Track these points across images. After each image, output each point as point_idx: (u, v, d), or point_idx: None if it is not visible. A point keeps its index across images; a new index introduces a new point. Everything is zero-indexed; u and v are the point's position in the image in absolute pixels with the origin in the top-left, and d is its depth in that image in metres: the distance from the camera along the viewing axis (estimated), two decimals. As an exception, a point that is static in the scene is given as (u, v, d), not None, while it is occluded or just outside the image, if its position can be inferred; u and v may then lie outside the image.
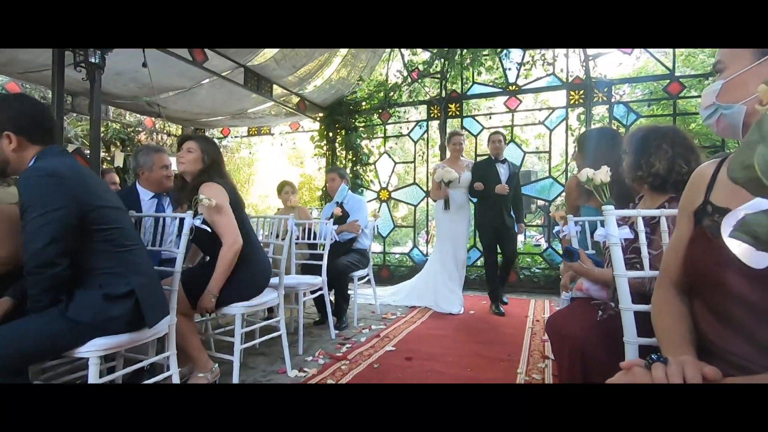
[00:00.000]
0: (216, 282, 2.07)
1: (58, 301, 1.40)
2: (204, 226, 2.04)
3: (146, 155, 2.55)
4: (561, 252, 5.09)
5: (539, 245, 5.75)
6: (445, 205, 4.17)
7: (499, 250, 4.25)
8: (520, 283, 5.35)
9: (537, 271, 5.40)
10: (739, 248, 0.28)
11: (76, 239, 1.42)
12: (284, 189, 4.09)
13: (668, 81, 5.07)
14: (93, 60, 3.09)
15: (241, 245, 2.12)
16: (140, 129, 6.76)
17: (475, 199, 4.35)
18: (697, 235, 0.91)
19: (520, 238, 5.63)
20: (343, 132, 6.41)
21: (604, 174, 1.46)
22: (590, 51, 5.24)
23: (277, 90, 5.48)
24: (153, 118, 6.46)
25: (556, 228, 2.49)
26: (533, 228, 8.46)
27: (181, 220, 1.97)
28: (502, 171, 4.10)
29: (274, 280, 2.68)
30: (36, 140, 1.47)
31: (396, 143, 8.13)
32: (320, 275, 3.20)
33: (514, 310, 4.19)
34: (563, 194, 5.61)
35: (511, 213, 4.17)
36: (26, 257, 1.33)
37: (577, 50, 5.27)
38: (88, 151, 3.99)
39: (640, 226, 1.22)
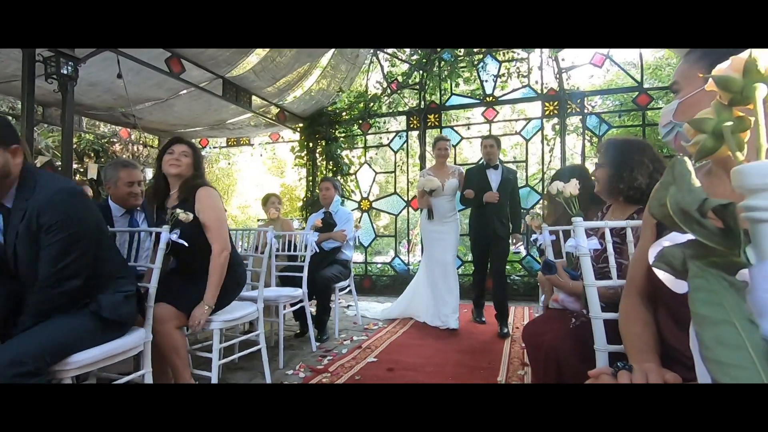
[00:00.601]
0: (211, 293, 2.06)
1: (83, 305, 1.53)
2: (180, 241, 2.01)
3: (113, 170, 2.45)
4: (539, 260, 5.20)
5: (518, 252, 5.82)
6: (428, 214, 3.91)
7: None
8: (501, 290, 5.41)
9: (516, 278, 5.49)
10: (663, 275, 0.31)
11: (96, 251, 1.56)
12: (269, 200, 4.07)
13: (637, 93, 5.27)
14: (65, 71, 3.03)
15: (229, 252, 2.13)
16: (115, 140, 6.62)
17: (462, 207, 4.14)
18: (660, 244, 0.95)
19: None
20: (323, 142, 6.41)
21: (573, 187, 1.51)
22: (563, 63, 5.41)
23: (256, 101, 5.46)
24: (128, 129, 6.35)
25: (534, 236, 2.54)
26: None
27: (158, 234, 1.94)
28: (493, 177, 3.80)
29: (253, 294, 2.66)
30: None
31: (376, 153, 8.18)
32: (300, 287, 3.18)
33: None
34: (541, 202, 5.75)
35: (505, 221, 3.82)
36: (52, 271, 1.41)
37: (551, 63, 5.44)
38: (60, 163, 3.90)
39: (608, 237, 1.26)
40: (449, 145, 4.09)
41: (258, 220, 5.93)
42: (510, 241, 3.88)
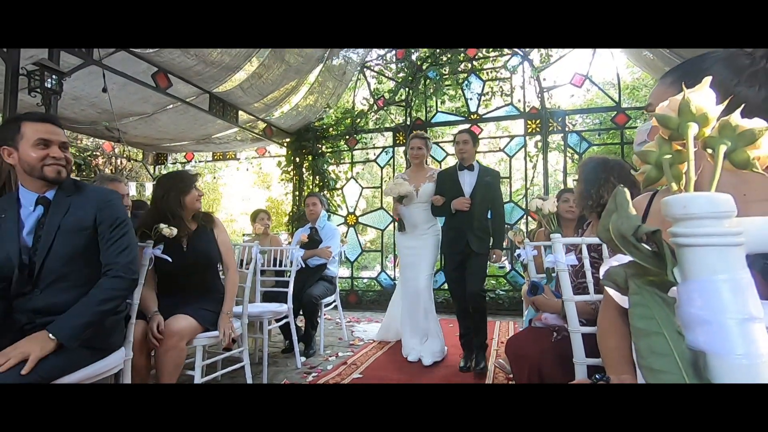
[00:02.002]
0: (230, 304, 2.24)
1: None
2: (164, 256, 2.01)
3: (99, 185, 2.47)
4: (523, 275, 5.27)
5: (503, 267, 5.89)
6: (399, 226, 3.37)
7: None
8: (486, 305, 5.44)
9: (501, 293, 5.54)
10: (612, 291, 0.33)
11: None
12: (259, 216, 4.06)
13: (615, 112, 5.46)
14: (49, 85, 3.01)
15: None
16: (98, 153, 6.54)
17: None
18: None
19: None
20: (310, 157, 6.45)
21: (551, 204, 1.56)
22: (545, 83, 5.58)
23: (243, 116, 5.48)
24: (112, 143, 6.29)
25: (517, 251, 2.59)
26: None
27: (141, 249, 1.93)
28: (467, 180, 3.13)
29: (237, 309, 2.63)
30: None
31: (363, 168, 8.24)
32: (286, 302, 3.16)
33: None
34: (524, 218, 5.85)
35: (483, 235, 3.12)
36: (126, 261, 1.54)
37: (533, 82, 5.61)
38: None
39: (584, 253, 1.31)
40: (426, 143, 3.38)
41: (243, 235, 5.88)
42: (489, 257, 3.14)
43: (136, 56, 3.87)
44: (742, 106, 0.35)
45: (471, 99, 5.87)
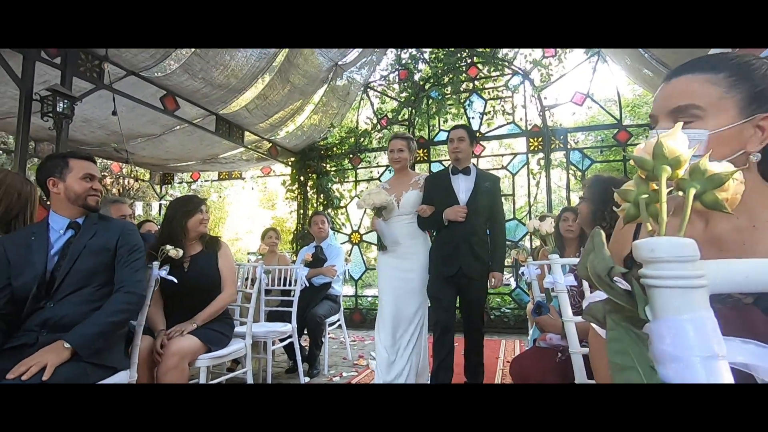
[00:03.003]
0: (204, 316, 2.22)
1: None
2: (169, 277, 2.03)
3: (103, 208, 2.56)
4: (528, 292, 5.24)
5: (508, 284, 5.85)
6: (378, 244, 2.79)
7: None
8: (490, 323, 5.41)
9: (506, 311, 5.50)
10: (593, 325, 0.35)
11: None
12: (267, 234, 4.09)
13: (617, 130, 5.50)
14: (60, 110, 3.09)
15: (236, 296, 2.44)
16: (106, 174, 6.65)
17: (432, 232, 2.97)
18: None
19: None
20: (314, 176, 6.52)
21: (548, 225, 1.58)
22: (546, 102, 5.65)
23: (248, 136, 5.58)
24: (120, 164, 6.40)
25: (521, 268, 2.59)
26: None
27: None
28: (462, 185, 2.63)
29: (241, 329, 2.64)
30: None
31: (367, 187, 8.30)
32: (290, 322, 3.17)
33: (486, 351, 4.20)
34: (528, 235, 5.84)
35: (482, 254, 2.60)
36: (137, 279, 1.71)
37: (534, 100, 5.68)
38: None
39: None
40: (409, 144, 2.82)
41: (248, 253, 5.90)
42: (488, 282, 2.60)
43: (145, 80, 3.97)
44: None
45: (473, 118, 5.94)
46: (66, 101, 3.17)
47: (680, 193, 0.36)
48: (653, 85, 5.23)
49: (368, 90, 6.43)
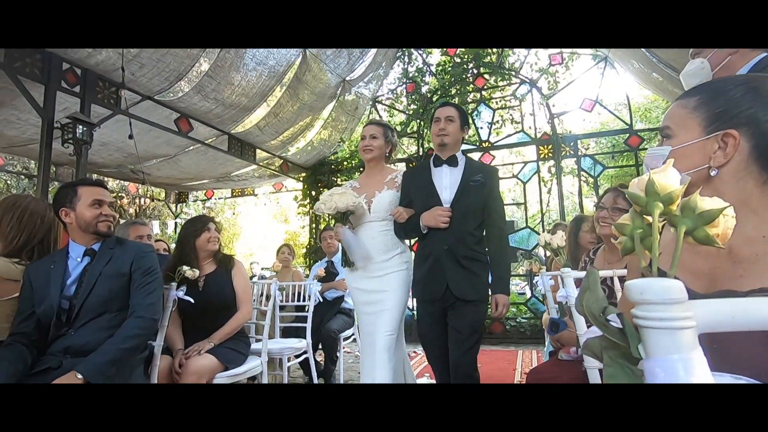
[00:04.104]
0: (221, 335, 2.24)
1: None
2: (186, 297, 2.07)
3: (123, 229, 2.64)
4: (542, 300, 5.18)
5: (524, 294, 5.79)
6: (343, 259, 2.24)
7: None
8: (507, 334, 5.35)
9: (523, 320, 5.43)
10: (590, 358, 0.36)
11: None
12: (281, 250, 4.14)
13: (628, 135, 5.46)
14: (80, 136, 3.20)
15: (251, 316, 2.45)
16: (123, 195, 6.82)
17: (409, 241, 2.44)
18: None
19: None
20: (325, 191, 6.57)
21: (559, 238, 1.58)
22: (554, 109, 5.65)
23: (260, 153, 5.68)
24: (137, 184, 6.55)
25: (536, 278, 2.55)
26: (517, 277, 8.56)
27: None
28: (446, 180, 2.02)
29: (257, 346, 2.67)
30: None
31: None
32: (305, 338, 3.18)
33: (502, 363, 4.17)
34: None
35: (477, 270, 1.96)
36: (150, 302, 1.71)
37: (543, 108, 5.68)
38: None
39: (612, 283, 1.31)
40: (386, 132, 2.25)
41: (262, 269, 5.96)
42: (487, 305, 2.00)
43: (160, 103, 4.10)
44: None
45: (482, 128, 5.96)
46: (85, 127, 3.28)
47: (672, 230, 0.37)
48: (663, 89, 5.19)
49: (376, 104, 6.50)
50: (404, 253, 2.17)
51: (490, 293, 1.96)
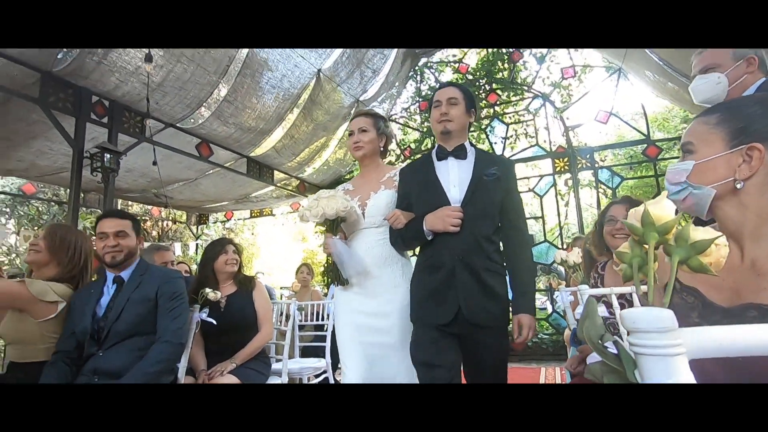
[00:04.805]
0: (243, 356, 2.28)
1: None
2: (209, 319, 2.13)
3: (148, 254, 2.73)
4: (563, 315, 5.08)
5: (544, 309, 5.68)
6: (333, 275, 1.82)
7: None
8: (528, 350, 5.24)
9: (544, 336, 5.32)
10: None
11: None
12: (300, 270, 4.20)
13: (645, 145, 5.39)
14: (107, 164, 3.35)
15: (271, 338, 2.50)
16: (146, 218, 7.03)
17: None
18: None
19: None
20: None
21: (576, 255, 1.57)
22: (569, 122, 5.63)
23: (278, 174, 5.81)
24: (160, 208, 6.76)
25: (556, 293, 2.52)
26: (537, 291, 8.40)
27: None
28: (453, 175, 1.65)
29: (276, 366, 2.69)
30: None
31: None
32: (324, 357, 3.19)
33: (525, 381, 4.08)
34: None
35: (497, 285, 1.56)
36: (176, 327, 1.79)
37: (556, 121, 5.68)
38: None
39: (615, 303, 1.31)
40: (378, 124, 1.90)
41: (281, 288, 6.02)
42: (508, 331, 1.59)
43: (182, 130, 4.26)
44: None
45: (495, 143, 5.97)
46: (112, 156, 3.43)
47: (666, 259, 0.39)
48: (680, 98, 5.13)
49: (390, 122, 6.60)
50: (407, 266, 1.79)
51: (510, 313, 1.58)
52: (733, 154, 0.72)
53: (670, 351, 0.31)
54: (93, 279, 2.03)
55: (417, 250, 1.74)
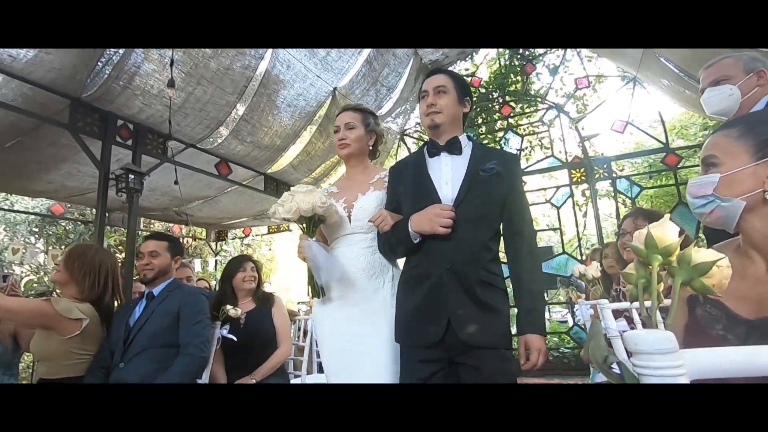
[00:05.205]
0: (263, 372, 2.34)
1: None
2: (230, 336, 2.17)
3: None
4: (584, 327, 4.95)
5: (565, 322, 5.56)
6: (313, 289, 1.58)
7: None
8: (550, 365, 5.13)
9: (566, 350, 5.20)
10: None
11: None
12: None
13: (664, 154, 5.30)
14: (131, 185, 3.48)
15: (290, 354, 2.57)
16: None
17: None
18: (690, 324, 0.93)
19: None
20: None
21: (594, 270, 1.56)
22: (585, 132, 5.59)
23: (294, 191, 5.90)
24: (180, 226, 6.92)
25: (576, 307, 2.49)
26: (557, 304, 8.24)
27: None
28: (445, 170, 1.46)
29: (294, 382, 2.71)
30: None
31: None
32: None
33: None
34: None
35: (492, 298, 1.32)
36: (200, 341, 1.88)
37: (572, 132, 5.64)
38: (121, 257, 4.30)
39: (636, 318, 1.29)
40: (366, 119, 1.74)
41: (298, 303, 6.07)
42: (514, 356, 1.38)
43: (202, 150, 4.39)
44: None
45: (510, 155, 5.96)
46: (136, 177, 3.56)
47: (669, 281, 0.40)
48: (697, 106, 5.03)
49: (404, 137, 6.66)
50: (395, 279, 1.54)
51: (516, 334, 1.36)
52: (760, 165, 0.73)
53: (671, 372, 0.32)
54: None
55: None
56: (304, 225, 1.52)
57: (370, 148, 1.76)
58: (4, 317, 1.81)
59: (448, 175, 1.42)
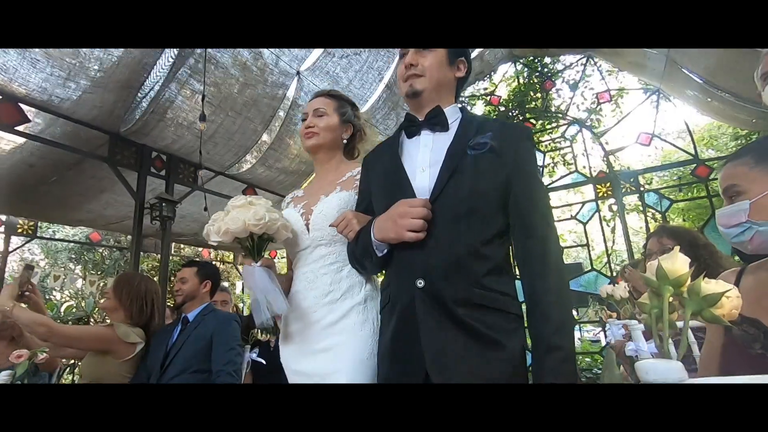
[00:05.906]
0: None
1: None
2: (259, 359, 2.22)
3: None
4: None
5: (597, 341, 5.38)
6: (260, 324, 1.17)
7: None
8: (584, 387, 4.95)
9: (599, 372, 5.02)
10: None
11: None
12: None
13: (694, 165, 5.16)
14: (165, 213, 3.64)
15: None
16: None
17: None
18: (728, 343, 0.92)
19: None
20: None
21: (622, 290, 1.54)
22: (609, 146, 5.52)
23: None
24: (209, 250, 7.12)
25: (607, 326, 2.44)
26: (589, 323, 7.96)
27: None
28: (423, 153, 1.07)
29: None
30: (211, 294, 2.22)
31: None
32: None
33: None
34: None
35: (494, 328, 0.91)
36: (233, 368, 1.93)
37: (596, 146, 5.57)
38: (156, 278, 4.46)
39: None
40: (340, 106, 1.45)
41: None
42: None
43: (230, 177, 4.57)
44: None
45: (533, 171, 5.92)
46: (169, 205, 3.72)
47: (679, 312, 0.42)
48: (725, 115, 4.93)
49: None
50: (370, 302, 1.21)
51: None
52: None
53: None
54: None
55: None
56: (248, 246, 1.21)
57: (345, 141, 1.44)
58: (68, 345, 1.90)
59: (425, 159, 1.06)
